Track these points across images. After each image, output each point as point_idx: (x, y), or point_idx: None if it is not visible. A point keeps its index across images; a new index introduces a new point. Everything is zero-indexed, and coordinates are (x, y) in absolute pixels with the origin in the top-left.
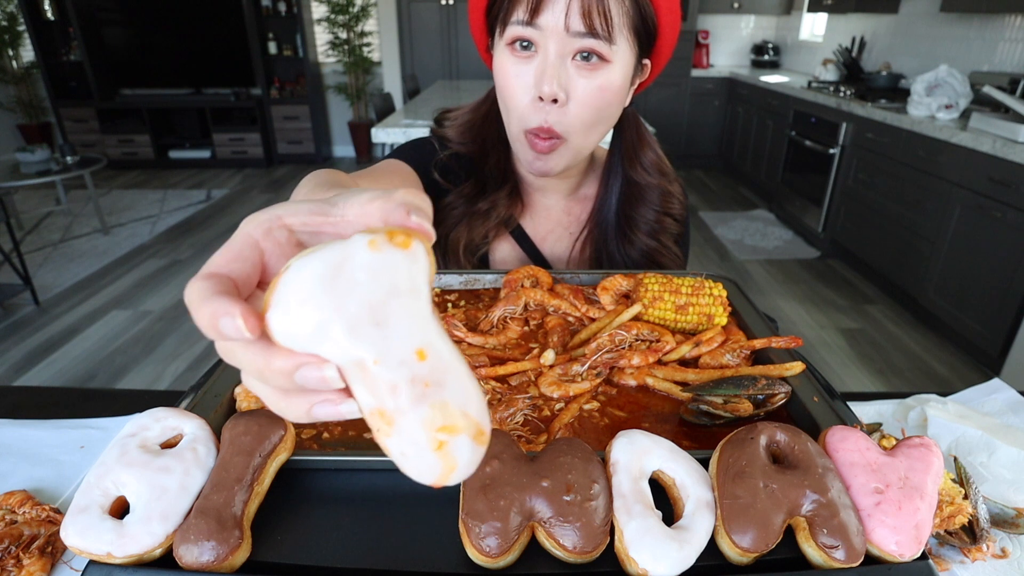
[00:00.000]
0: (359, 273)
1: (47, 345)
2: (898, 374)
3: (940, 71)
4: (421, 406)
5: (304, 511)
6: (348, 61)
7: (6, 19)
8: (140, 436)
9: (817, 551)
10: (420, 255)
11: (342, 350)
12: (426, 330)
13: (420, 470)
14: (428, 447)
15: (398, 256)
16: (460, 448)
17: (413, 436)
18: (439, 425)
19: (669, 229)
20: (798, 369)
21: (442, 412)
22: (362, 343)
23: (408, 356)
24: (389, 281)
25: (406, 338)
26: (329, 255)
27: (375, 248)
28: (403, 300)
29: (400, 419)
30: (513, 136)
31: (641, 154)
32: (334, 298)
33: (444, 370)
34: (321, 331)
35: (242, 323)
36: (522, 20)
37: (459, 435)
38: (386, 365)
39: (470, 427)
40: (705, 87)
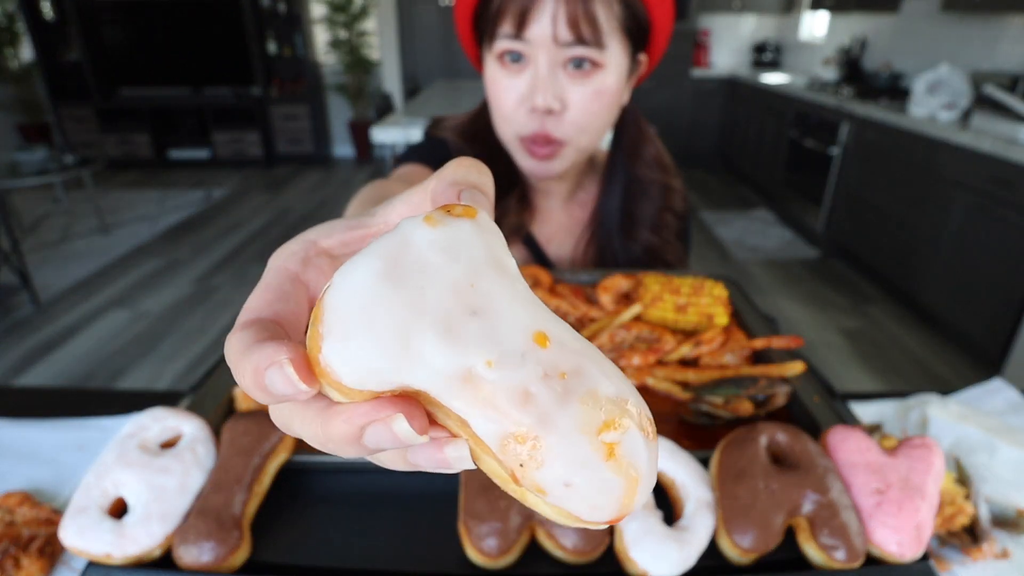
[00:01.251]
0: (428, 254)
1: (46, 345)
2: (898, 374)
3: (941, 70)
4: (569, 405)
5: (304, 511)
6: (348, 61)
7: (5, 19)
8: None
9: (818, 551)
10: (489, 226)
11: (441, 364)
12: (535, 307)
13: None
14: (598, 459)
15: (466, 226)
16: (635, 448)
17: (574, 452)
18: (601, 423)
19: (670, 225)
20: (798, 369)
21: (598, 405)
22: (464, 344)
23: (526, 344)
24: (469, 256)
25: (518, 322)
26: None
27: (435, 223)
28: (494, 276)
29: (548, 435)
30: (507, 142)
31: (642, 150)
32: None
33: (575, 352)
34: (403, 351)
35: (293, 372)
36: (510, 34)
37: (628, 430)
38: (505, 364)
39: (636, 419)
40: (705, 87)
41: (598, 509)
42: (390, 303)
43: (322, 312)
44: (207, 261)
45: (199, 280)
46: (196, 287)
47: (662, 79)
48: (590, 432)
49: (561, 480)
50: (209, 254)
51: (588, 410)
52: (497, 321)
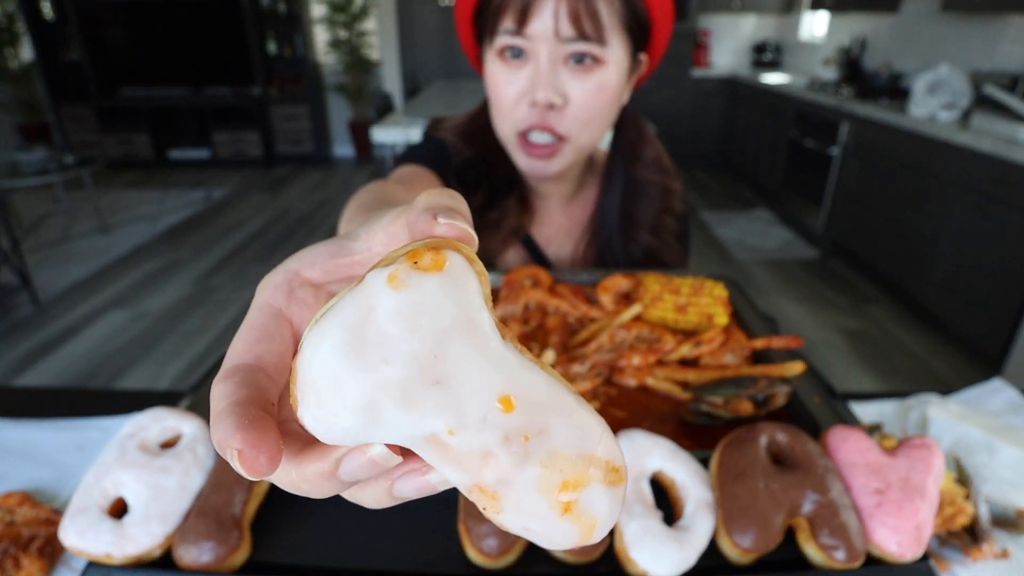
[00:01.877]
0: (390, 326)
1: (46, 345)
2: (898, 374)
3: (941, 71)
4: (528, 468)
5: (304, 511)
6: (348, 61)
7: (5, 19)
8: (139, 436)
9: (818, 551)
10: (460, 272)
11: (405, 431)
12: (503, 368)
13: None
14: (553, 515)
15: (432, 284)
16: (594, 501)
17: (531, 508)
18: (559, 484)
19: (670, 227)
20: (798, 369)
21: (557, 466)
22: (425, 414)
23: (490, 410)
24: (433, 323)
25: (481, 388)
26: (345, 315)
27: (398, 285)
28: (460, 339)
29: (507, 492)
30: (506, 140)
31: (642, 151)
32: (370, 369)
33: (543, 410)
34: (370, 418)
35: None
36: (511, 30)
37: (588, 487)
38: (466, 432)
39: (599, 471)
40: (705, 87)
41: (557, 544)
42: (353, 376)
43: (296, 377)
44: (207, 261)
45: (199, 280)
46: (196, 287)
47: (662, 79)
48: (548, 492)
49: (520, 526)
50: (209, 254)
51: (547, 472)
52: (459, 389)
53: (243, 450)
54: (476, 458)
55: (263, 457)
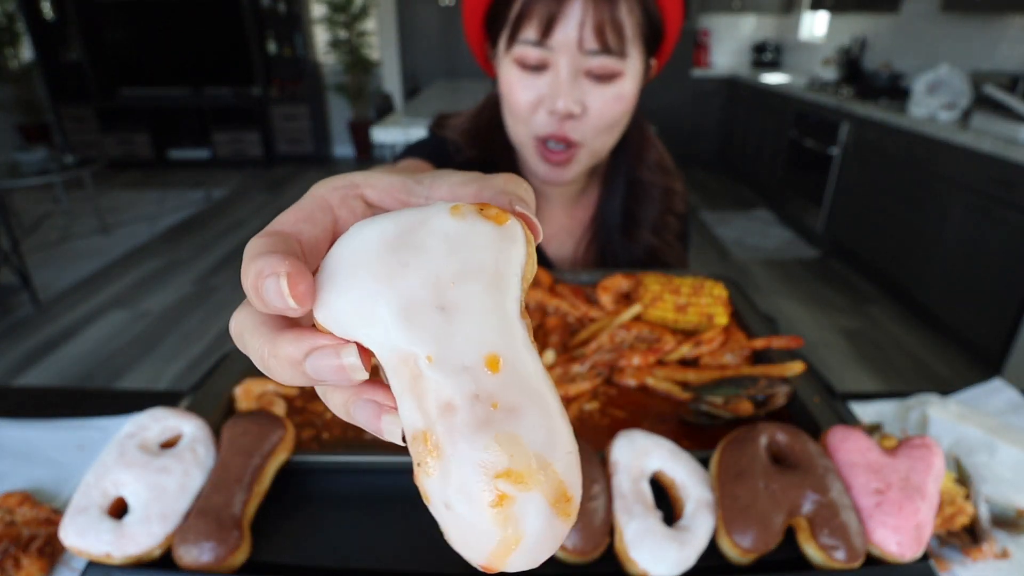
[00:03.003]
0: (431, 239)
1: (46, 345)
2: (898, 374)
3: (941, 71)
4: (481, 434)
5: (304, 511)
6: (348, 61)
7: (5, 19)
8: (139, 436)
9: (818, 551)
10: (515, 235)
11: (390, 337)
12: (506, 332)
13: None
14: (482, 499)
15: (487, 229)
16: (529, 512)
17: (464, 480)
18: (502, 468)
19: (671, 227)
20: (798, 369)
21: (509, 450)
22: (416, 331)
23: (474, 360)
24: (469, 257)
25: (476, 336)
26: (401, 217)
27: (459, 215)
28: (482, 286)
29: (449, 449)
30: (521, 143)
31: (645, 153)
32: (391, 266)
33: (523, 391)
34: (366, 308)
35: (286, 287)
36: (533, 40)
37: (530, 491)
38: (443, 367)
39: (549, 485)
40: (705, 87)
41: (466, 547)
42: (377, 267)
43: (331, 250)
44: (207, 261)
45: (199, 280)
46: (196, 287)
47: (662, 79)
48: (487, 471)
49: (443, 498)
50: (209, 254)
51: (497, 450)
52: (458, 326)
53: (292, 273)
54: (439, 400)
55: (303, 285)
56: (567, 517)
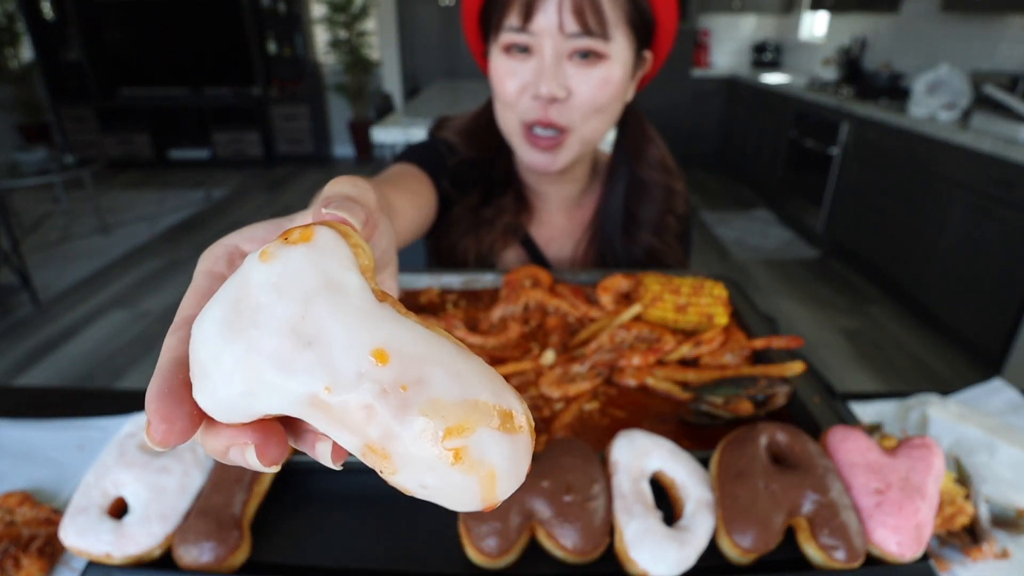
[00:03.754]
0: (261, 295)
1: (46, 345)
2: (898, 374)
3: (941, 71)
4: (409, 417)
5: (304, 511)
6: (348, 61)
7: (5, 19)
8: (139, 436)
9: (818, 551)
10: (327, 241)
11: (285, 394)
12: (373, 324)
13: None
14: (443, 465)
15: (297, 255)
16: (486, 448)
17: (420, 460)
18: (442, 431)
19: (672, 227)
20: (798, 369)
21: (439, 413)
22: (300, 375)
23: (364, 365)
24: (298, 288)
25: (352, 344)
26: (225, 292)
27: (268, 258)
28: (324, 302)
29: (394, 446)
30: (510, 131)
31: (646, 151)
32: (246, 339)
33: (419, 360)
34: (250, 386)
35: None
36: (515, 26)
37: (475, 431)
38: (342, 388)
39: (486, 415)
40: (705, 87)
41: (461, 503)
42: (232, 348)
43: (190, 361)
44: None
45: None
46: None
47: (662, 79)
48: (432, 440)
49: (417, 482)
50: None
51: (428, 420)
52: (329, 347)
53: (152, 421)
54: (358, 414)
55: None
56: (519, 429)
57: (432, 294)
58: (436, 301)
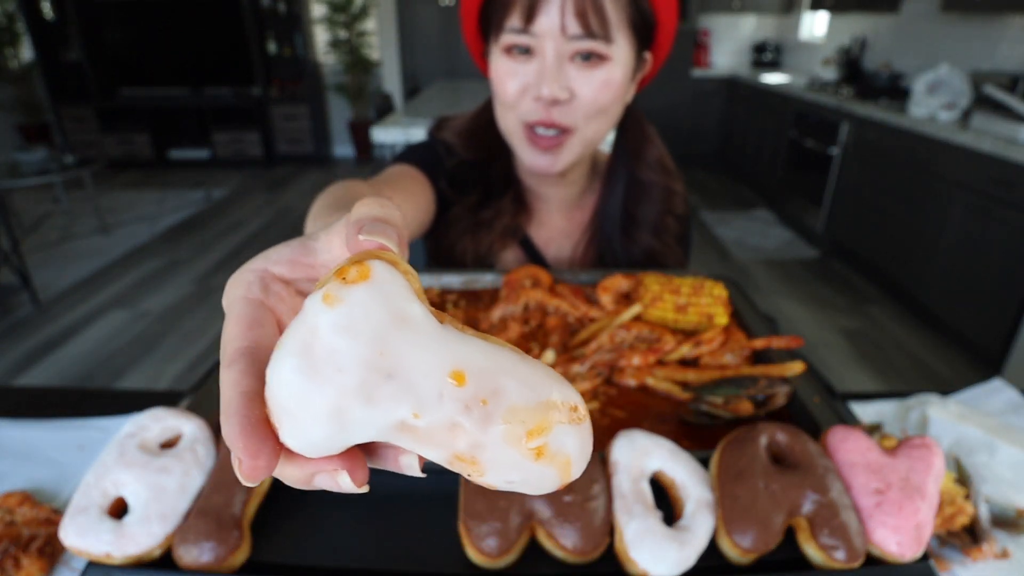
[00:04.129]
0: (334, 340)
1: (46, 345)
2: (898, 374)
3: (941, 71)
4: (493, 427)
5: (304, 511)
6: (348, 61)
7: (5, 19)
8: (139, 436)
9: (818, 551)
10: (385, 276)
11: (375, 424)
12: (445, 348)
13: (537, 486)
14: (529, 462)
15: (361, 295)
16: (562, 441)
17: (507, 461)
18: (524, 434)
19: (671, 228)
20: (798, 369)
21: (519, 419)
22: (387, 405)
23: (444, 387)
24: (370, 326)
25: (430, 370)
26: (293, 342)
27: (332, 302)
28: (399, 335)
29: (482, 453)
30: (510, 132)
31: (646, 152)
32: (327, 380)
33: (492, 374)
34: (340, 420)
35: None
36: (517, 27)
37: (552, 430)
38: (428, 411)
39: (559, 413)
40: (705, 87)
41: (542, 488)
42: (316, 391)
43: (269, 407)
44: (207, 261)
45: (199, 280)
46: (196, 287)
47: (662, 79)
48: (517, 443)
49: (503, 480)
50: (209, 254)
51: (511, 427)
52: (409, 376)
53: (243, 459)
54: (445, 431)
55: (261, 462)
56: (584, 420)
57: (432, 294)
58: (436, 301)
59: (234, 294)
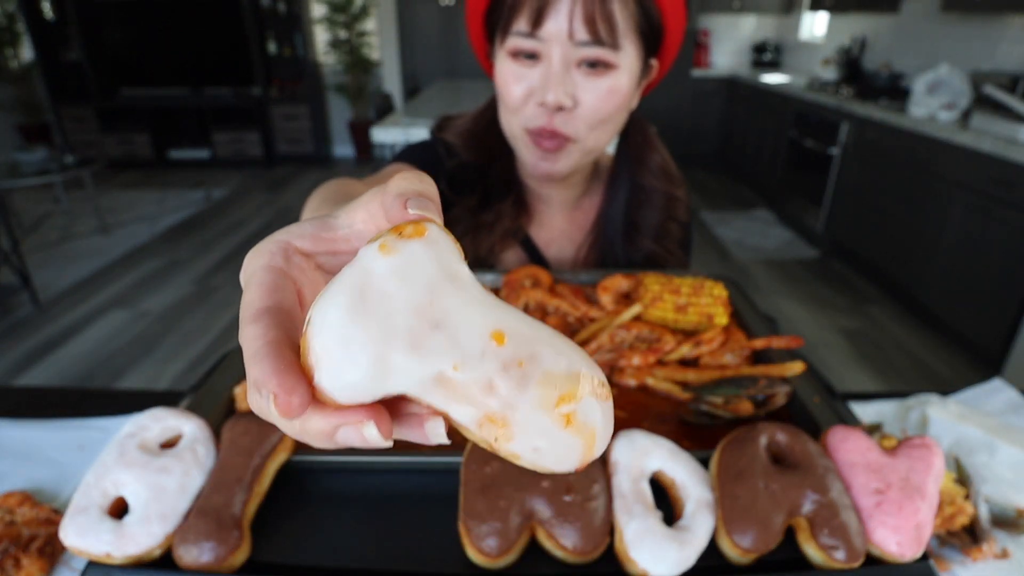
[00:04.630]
0: (387, 283)
1: (46, 345)
2: (898, 374)
3: (941, 71)
4: (528, 389)
5: (304, 511)
6: (348, 61)
7: (5, 19)
8: (139, 436)
9: (818, 551)
10: (439, 236)
11: (414, 373)
12: (487, 310)
13: (561, 458)
14: (558, 429)
15: (417, 248)
16: (590, 412)
17: (537, 425)
18: (556, 398)
19: (673, 234)
20: (798, 369)
21: (553, 384)
22: (431, 355)
23: (487, 345)
24: (423, 276)
25: (475, 327)
26: (346, 283)
27: (389, 251)
28: (449, 289)
29: (514, 415)
30: (514, 135)
31: (648, 159)
32: (376, 323)
33: (531, 340)
34: (381, 365)
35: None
36: (524, 31)
37: (582, 398)
38: (469, 365)
39: (588, 384)
40: (705, 87)
41: (565, 462)
42: (363, 332)
43: (308, 346)
44: (207, 261)
45: (199, 280)
46: (196, 287)
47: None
48: (549, 407)
49: (530, 447)
50: (209, 254)
51: (545, 390)
52: (456, 330)
53: (278, 394)
54: (481, 389)
55: (296, 400)
56: (609, 396)
57: None
58: None
59: (256, 263)
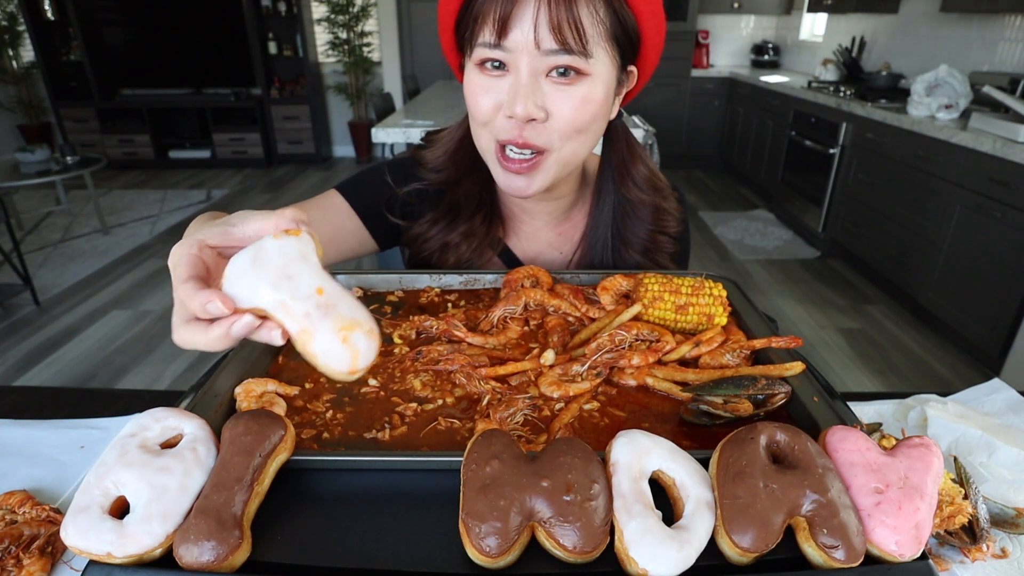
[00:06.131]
0: (270, 253)
1: (47, 345)
2: (898, 374)
3: (940, 71)
4: (327, 318)
5: (304, 511)
6: (348, 61)
7: (6, 19)
8: (140, 436)
9: (817, 551)
10: (306, 237)
11: (270, 296)
12: (319, 277)
13: (336, 359)
14: (338, 341)
15: (292, 240)
16: (359, 340)
17: (327, 337)
18: (340, 326)
19: (664, 247)
20: (798, 369)
21: (341, 319)
22: (280, 290)
23: (311, 292)
24: (289, 253)
25: (307, 282)
26: (252, 248)
27: (277, 238)
28: (300, 262)
29: (316, 327)
30: (485, 150)
31: (632, 170)
32: (258, 269)
33: (336, 297)
34: (255, 288)
35: (220, 304)
36: (489, 42)
37: (356, 331)
38: (299, 300)
39: (362, 326)
40: (705, 87)
41: (339, 364)
42: (250, 272)
43: (225, 273)
44: None
45: None
46: None
47: (662, 79)
48: (335, 331)
49: (322, 349)
50: None
51: (336, 321)
52: (298, 280)
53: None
54: (303, 313)
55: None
56: (376, 338)
57: (432, 294)
58: (436, 301)
59: (181, 252)
